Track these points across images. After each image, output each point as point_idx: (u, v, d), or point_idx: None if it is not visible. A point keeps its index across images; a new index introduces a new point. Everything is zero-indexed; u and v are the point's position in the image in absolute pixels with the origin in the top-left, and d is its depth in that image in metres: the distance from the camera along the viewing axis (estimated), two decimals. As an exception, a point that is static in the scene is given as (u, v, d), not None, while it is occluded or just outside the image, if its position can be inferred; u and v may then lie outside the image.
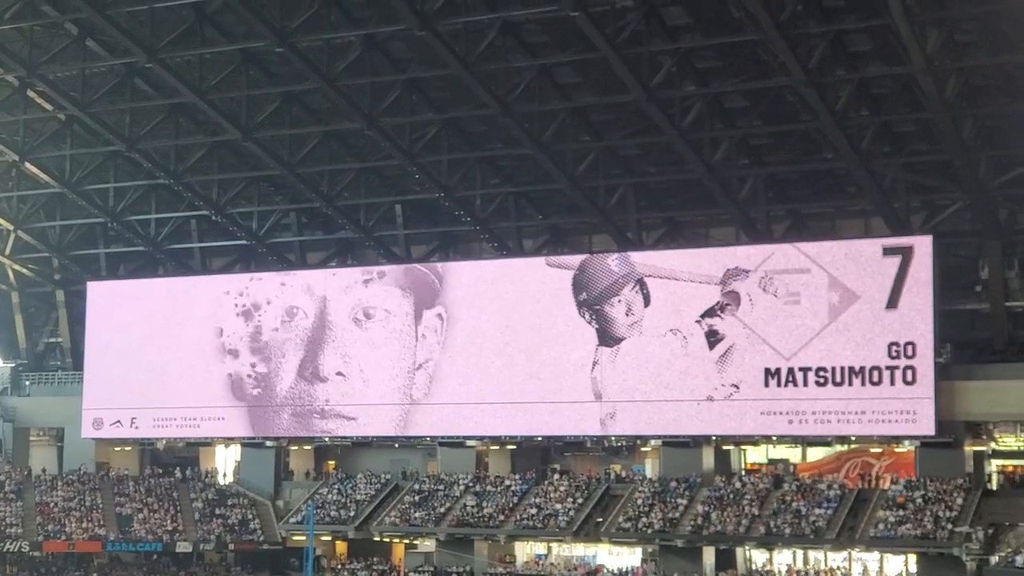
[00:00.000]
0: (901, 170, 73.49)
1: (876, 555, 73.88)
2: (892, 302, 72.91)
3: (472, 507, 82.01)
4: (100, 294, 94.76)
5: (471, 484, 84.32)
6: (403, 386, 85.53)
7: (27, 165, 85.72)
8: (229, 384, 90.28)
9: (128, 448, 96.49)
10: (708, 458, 79.79)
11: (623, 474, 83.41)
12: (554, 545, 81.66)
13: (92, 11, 69.25)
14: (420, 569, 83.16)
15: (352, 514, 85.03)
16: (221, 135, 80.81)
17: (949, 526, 69.85)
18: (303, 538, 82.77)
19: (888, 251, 73.29)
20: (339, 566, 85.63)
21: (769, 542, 74.26)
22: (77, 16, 72.37)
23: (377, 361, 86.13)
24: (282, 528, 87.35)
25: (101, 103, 79.36)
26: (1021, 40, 59.71)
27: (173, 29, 71.35)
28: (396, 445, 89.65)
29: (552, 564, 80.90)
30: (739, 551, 76.17)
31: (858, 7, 61.94)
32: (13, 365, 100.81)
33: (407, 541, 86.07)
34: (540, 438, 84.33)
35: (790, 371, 75.09)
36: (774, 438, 78.67)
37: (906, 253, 72.75)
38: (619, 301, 79.45)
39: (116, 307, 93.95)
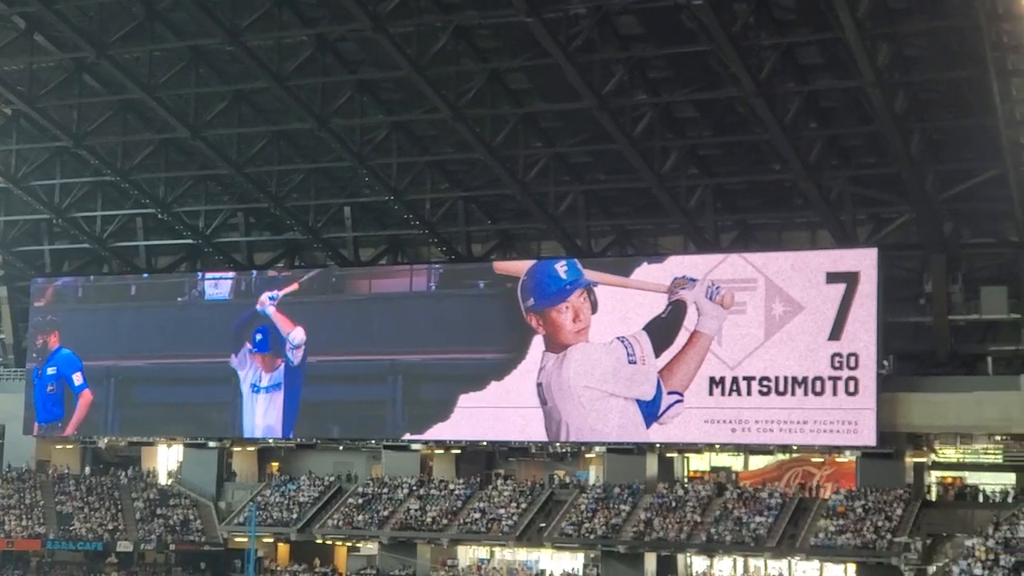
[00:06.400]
0: (848, 183, 73.96)
1: (816, 564, 74.55)
2: (835, 333, 73.23)
3: (415, 511, 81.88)
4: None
5: (415, 488, 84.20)
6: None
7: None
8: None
9: (70, 446, 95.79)
10: (652, 465, 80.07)
11: (567, 480, 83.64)
12: (497, 550, 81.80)
13: (41, 5, 68.68)
14: (362, 572, 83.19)
15: (295, 516, 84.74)
16: (169, 133, 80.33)
17: (888, 536, 70.40)
18: (245, 539, 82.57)
19: (832, 277, 73.58)
20: (281, 568, 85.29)
21: (710, 549, 74.68)
22: (25, 10, 71.56)
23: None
24: (224, 529, 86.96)
25: (48, 98, 78.46)
26: (969, 56, 60.20)
27: (123, 25, 70.81)
28: (340, 448, 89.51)
29: (495, 569, 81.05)
30: (680, 557, 76.60)
31: (810, 20, 62.22)
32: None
33: (350, 544, 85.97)
34: (485, 443, 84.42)
35: (734, 380, 75.34)
36: (717, 446, 79.03)
37: (851, 280, 73.06)
38: (567, 307, 79.49)
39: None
